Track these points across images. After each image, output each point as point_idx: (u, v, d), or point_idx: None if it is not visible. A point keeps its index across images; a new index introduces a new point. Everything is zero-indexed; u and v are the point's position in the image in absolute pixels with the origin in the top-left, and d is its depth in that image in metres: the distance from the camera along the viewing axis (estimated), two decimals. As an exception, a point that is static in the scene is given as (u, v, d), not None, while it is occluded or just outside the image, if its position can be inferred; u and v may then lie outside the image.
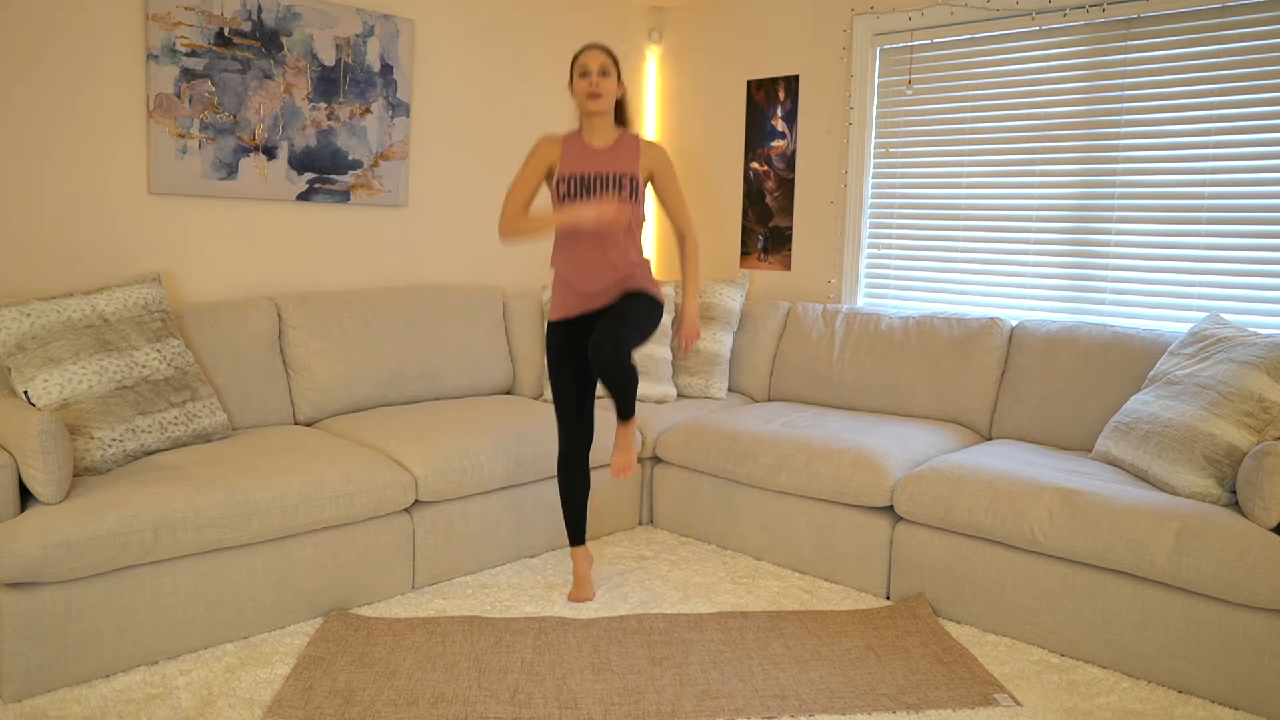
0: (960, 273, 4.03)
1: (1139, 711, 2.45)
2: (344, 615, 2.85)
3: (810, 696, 2.45)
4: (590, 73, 2.88)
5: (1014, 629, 2.85)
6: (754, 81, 4.60)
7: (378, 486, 2.92)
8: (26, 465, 2.39)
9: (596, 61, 2.89)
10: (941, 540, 2.99)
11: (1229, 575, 2.43)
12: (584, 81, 2.89)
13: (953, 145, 4.00)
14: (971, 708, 2.42)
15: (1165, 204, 3.47)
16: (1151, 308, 3.53)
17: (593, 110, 2.91)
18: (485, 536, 3.28)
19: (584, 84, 2.90)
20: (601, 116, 2.95)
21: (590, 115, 2.94)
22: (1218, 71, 3.33)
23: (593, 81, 2.88)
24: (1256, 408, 2.70)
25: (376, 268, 3.98)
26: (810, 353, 4.10)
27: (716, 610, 3.01)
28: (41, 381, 2.65)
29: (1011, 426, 3.56)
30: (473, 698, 2.40)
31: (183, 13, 3.28)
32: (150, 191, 3.31)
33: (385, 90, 3.87)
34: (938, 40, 3.99)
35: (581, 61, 2.90)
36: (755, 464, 3.40)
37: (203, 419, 2.98)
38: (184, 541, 2.52)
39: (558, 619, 2.89)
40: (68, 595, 2.38)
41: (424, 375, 3.77)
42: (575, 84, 2.92)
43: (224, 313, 3.33)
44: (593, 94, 2.88)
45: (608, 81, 2.90)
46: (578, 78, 2.91)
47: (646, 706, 2.39)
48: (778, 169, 4.54)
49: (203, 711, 2.31)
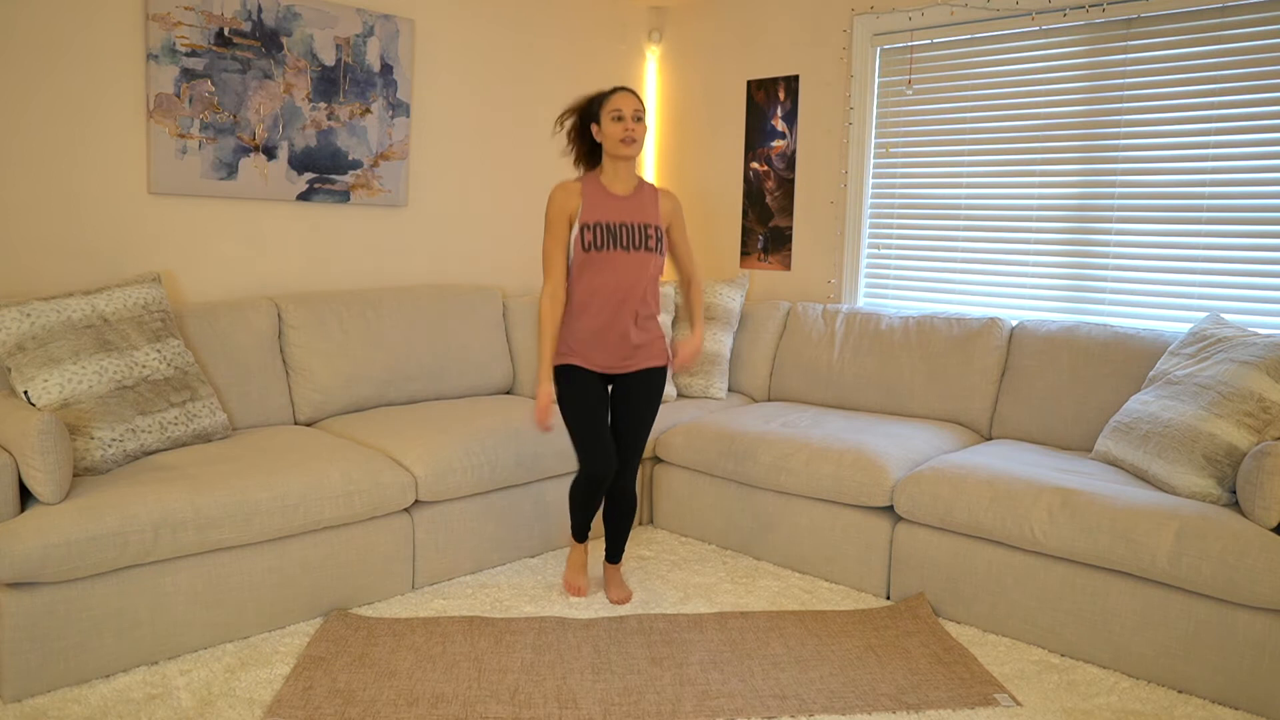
0: (960, 273, 4.03)
1: (1139, 711, 2.45)
2: (344, 615, 2.85)
3: (810, 696, 2.45)
4: (625, 117, 2.79)
5: (1014, 629, 2.85)
6: (754, 81, 4.60)
7: (378, 486, 2.92)
8: (26, 465, 2.39)
9: (631, 106, 2.80)
10: (941, 540, 2.99)
11: (1229, 575, 2.43)
12: (618, 126, 2.79)
13: (953, 145, 4.00)
14: (971, 708, 2.42)
15: (1165, 204, 3.47)
16: (1151, 308, 3.52)
17: (624, 155, 2.83)
18: (485, 536, 3.28)
19: (618, 129, 2.79)
20: (628, 163, 2.88)
21: (617, 160, 2.86)
22: (1218, 71, 3.33)
23: (628, 126, 2.79)
24: (1256, 408, 2.70)
25: (376, 268, 3.98)
26: (810, 353, 4.10)
27: (716, 610, 3.01)
28: (41, 381, 2.65)
29: (1011, 426, 3.56)
30: (473, 698, 2.40)
31: (183, 13, 3.28)
32: (150, 191, 3.31)
33: (385, 90, 3.87)
34: (938, 40, 3.99)
35: (615, 105, 2.80)
36: (755, 464, 3.40)
37: (203, 419, 2.98)
38: (184, 541, 2.52)
39: (558, 619, 2.89)
40: (68, 595, 2.38)
41: (424, 375, 3.77)
42: (606, 127, 2.81)
43: (224, 313, 3.33)
44: (627, 139, 2.79)
45: (641, 127, 2.82)
46: (609, 120, 2.80)
47: (646, 706, 2.39)
48: (778, 169, 4.54)
49: (203, 711, 2.31)
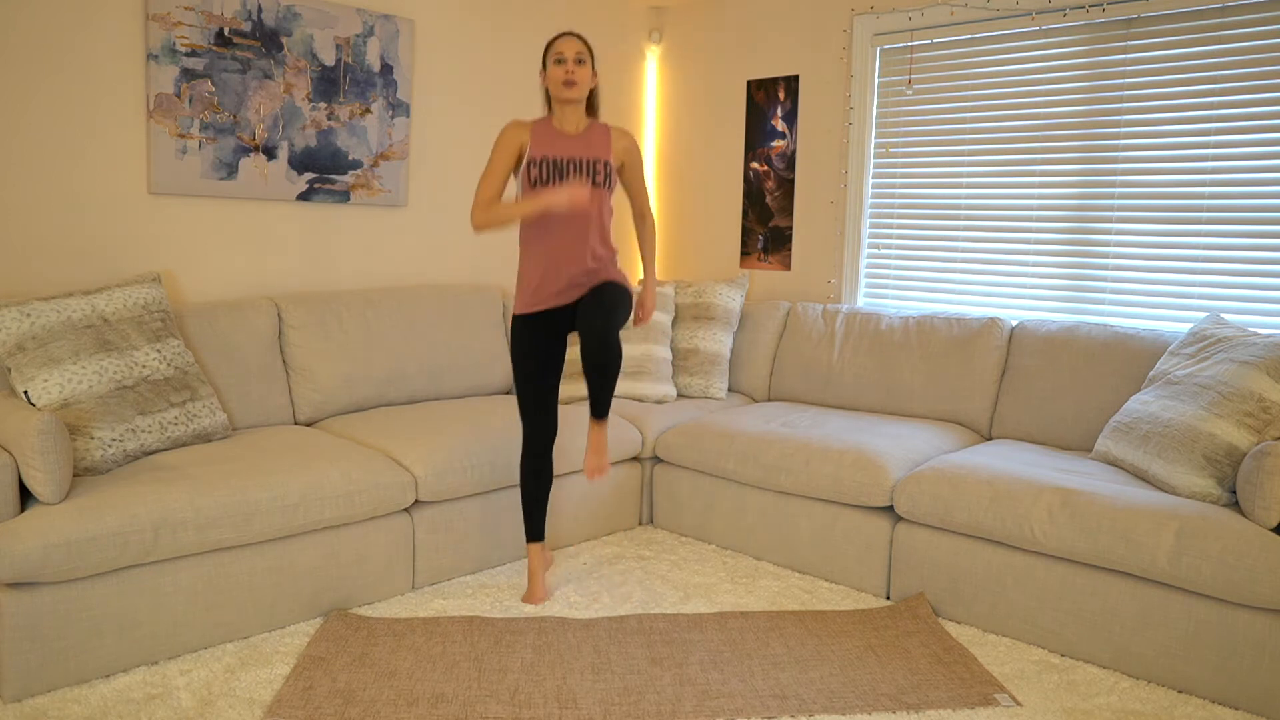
0: (960, 273, 4.03)
1: (1139, 711, 2.45)
2: (344, 615, 2.85)
3: (810, 696, 2.45)
4: (566, 59, 2.78)
5: (1014, 629, 2.85)
6: (754, 81, 4.60)
7: (378, 486, 2.92)
8: (26, 465, 2.39)
9: (572, 49, 2.79)
10: (941, 540, 2.99)
11: (1229, 575, 2.43)
12: (559, 69, 2.78)
13: (953, 145, 4.00)
14: (971, 708, 2.42)
15: (1165, 204, 3.47)
16: (1151, 308, 3.52)
17: (566, 99, 2.80)
18: (485, 536, 3.28)
19: (559, 71, 2.78)
20: (574, 106, 2.84)
21: (563, 104, 2.83)
22: (1218, 71, 3.33)
23: (568, 69, 2.77)
24: (1256, 408, 2.70)
25: (376, 268, 3.98)
26: (810, 353, 4.10)
27: (716, 610, 3.01)
28: (41, 381, 2.65)
29: (1011, 426, 3.56)
30: (473, 698, 2.40)
31: (183, 13, 3.28)
32: (150, 191, 3.31)
33: (385, 90, 3.87)
34: (938, 40, 3.99)
35: (557, 48, 2.80)
36: (755, 464, 3.40)
37: (203, 419, 2.98)
38: (184, 541, 2.52)
39: (558, 619, 2.89)
40: (68, 595, 2.38)
41: (424, 375, 3.77)
42: (549, 71, 2.81)
43: (224, 313, 3.33)
44: (568, 81, 2.77)
45: (583, 70, 2.80)
46: (552, 64, 2.80)
47: (646, 706, 2.39)
48: (778, 169, 4.54)
49: (203, 711, 2.31)
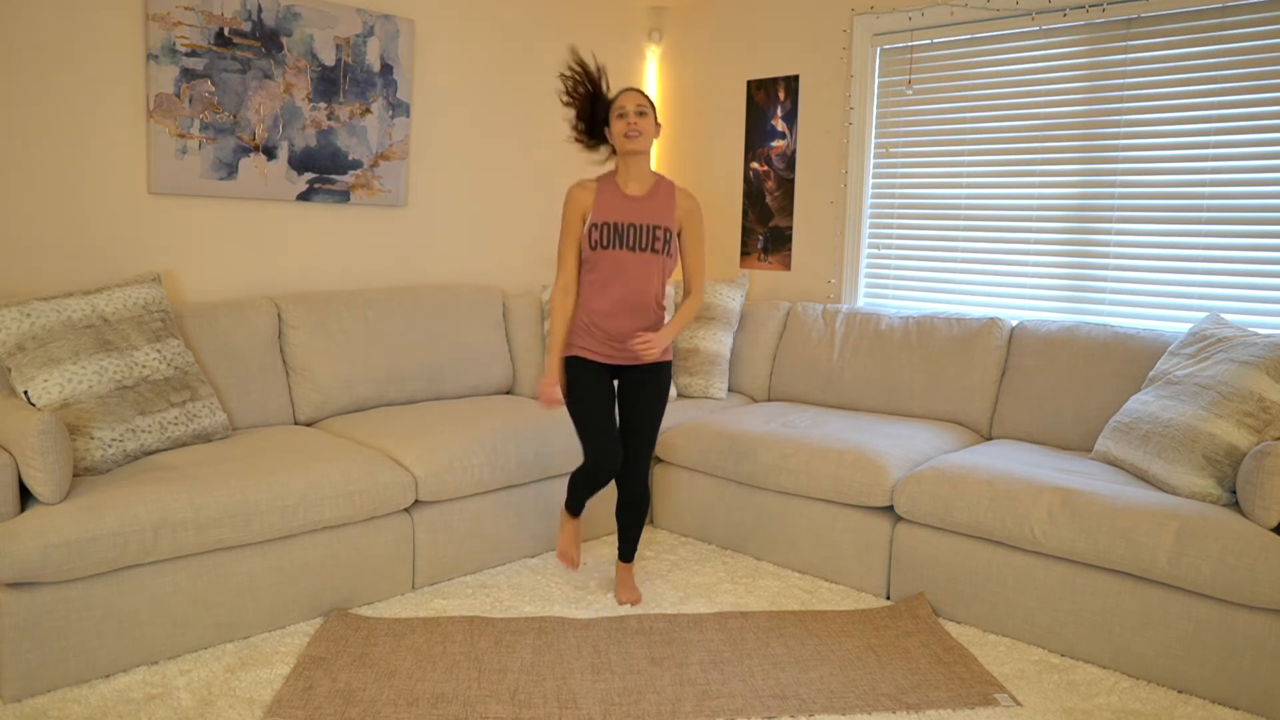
0: (960, 273, 4.03)
1: (1139, 711, 2.45)
2: (344, 615, 2.85)
3: (810, 696, 2.45)
4: (628, 113, 2.88)
5: (1014, 629, 2.85)
6: (754, 81, 4.60)
7: (378, 486, 2.92)
8: (26, 465, 2.39)
9: (633, 102, 2.89)
10: (941, 540, 2.99)
11: (1229, 575, 2.43)
12: (621, 122, 2.88)
13: (953, 145, 4.00)
14: (971, 708, 2.42)
15: (1165, 204, 3.47)
16: (1151, 308, 3.52)
17: (631, 150, 2.89)
18: (485, 536, 3.28)
19: (621, 124, 2.88)
20: (638, 158, 2.93)
21: (627, 156, 2.93)
22: (1218, 71, 3.33)
23: (630, 121, 2.87)
24: (1256, 408, 2.70)
25: (376, 268, 3.98)
26: (810, 353, 4.10)
27: (716, 610, 3.01)
28: (41, 381, 2.65)
29: (1011, 426, 3.56)
30: (473, 698, 2.40)
31: (183, 13, 3.28)
32: (150, 191, 3.31)
33: (385, 90, 3.87)
34: (938, 40, 3.99)
35: (619, 103, 2.90)
36: (755, 464, 3.40)
37: (203, 419, 2.98)
38: (184, 541, 2.52)
39: (558, 619, 2.89)
40: (68, 595, 2.38)
41: (424, 375, 3.77)
42: (612, 125, 2.91)
43: (224, 313, 3.33)
44: (629, 133, 2.87)
45: (645, 121, 2.89)
46: (615, 119, 2.91)
47: (646, 706, 2.39)
48: (778, 169, 4.54)
49: (203, 711, 2.31)
